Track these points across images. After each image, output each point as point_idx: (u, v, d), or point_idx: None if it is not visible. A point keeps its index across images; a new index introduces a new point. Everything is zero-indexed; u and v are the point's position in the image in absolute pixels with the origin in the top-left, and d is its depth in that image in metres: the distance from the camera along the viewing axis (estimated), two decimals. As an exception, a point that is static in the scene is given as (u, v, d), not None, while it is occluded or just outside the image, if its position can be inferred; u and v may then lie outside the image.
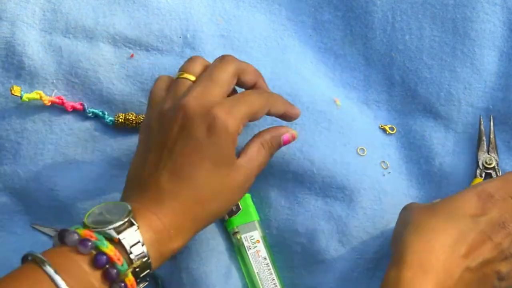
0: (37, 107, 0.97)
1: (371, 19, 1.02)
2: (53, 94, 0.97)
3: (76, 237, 0.76)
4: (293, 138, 0.92)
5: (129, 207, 0.80)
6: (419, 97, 1.00)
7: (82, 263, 0.76)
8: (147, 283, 0.81)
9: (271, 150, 0.90)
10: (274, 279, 0.95)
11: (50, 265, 0.74)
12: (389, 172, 0.99)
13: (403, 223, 0.88)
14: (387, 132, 1.01)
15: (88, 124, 0.98)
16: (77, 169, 0.96)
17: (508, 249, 0.86)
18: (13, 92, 0.94)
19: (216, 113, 0.84)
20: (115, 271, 0.76)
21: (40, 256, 0.76)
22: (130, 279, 0.77)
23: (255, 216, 0.96)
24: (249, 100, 0.87)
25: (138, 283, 0.79)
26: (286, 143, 0.91)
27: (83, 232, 0.77)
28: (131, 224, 0.79)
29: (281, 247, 0.96)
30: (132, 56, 0.99)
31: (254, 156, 0.88)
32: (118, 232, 0.77)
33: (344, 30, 1.03)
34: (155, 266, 0.80)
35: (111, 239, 0.77)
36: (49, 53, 0.98)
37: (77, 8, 0.99)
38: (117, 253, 0.76)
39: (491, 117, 0.99)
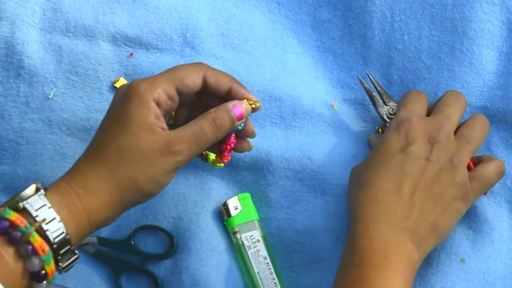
0: (37, 107, 0.96)
1: (370, 18, 1.02)
2: (51, 93, 0.97)
3: None
4: (245, 109, 0.87)
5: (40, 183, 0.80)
6: (417, 97, 1.01)
7: None
8: (76, 255, 0.80)
9: (218, 120, 0.85)
10: (274, 279, 0.95)
11: None
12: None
13: (350, 186, 0.92)
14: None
15: (87, 124, 0.97)
16: (77, 169, 0.96)
17: (451, 159, 0.89)
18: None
19: (133, 82, 0.83)
20: (18, 233, 0.75)
21: None
22: (37, 239, 0.76)
23: (255, 216, 0.96)
24: (175, 68, 0.86)
25: (62, 255, 0.78)
26: (238, 112, 0.86)
27: None
28: (38, 191, 0.79)
29: (281, 246, 0.97)
30: (131, 54, 0.99)
31: (187, 127, 0.83)
32: (22, 200, 0.78)
33: (343, 29, 1.03)
34: (73, 232, 0.79)
35: (16, 208, 0.77)
36: (49, 52, 0.97)
37: (77, 7, 0.98)
38: (20, 217, 0.76)
39: (367, 72, 1.00)
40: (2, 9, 0.97)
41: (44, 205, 0.77)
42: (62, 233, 0.77)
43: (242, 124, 0.88)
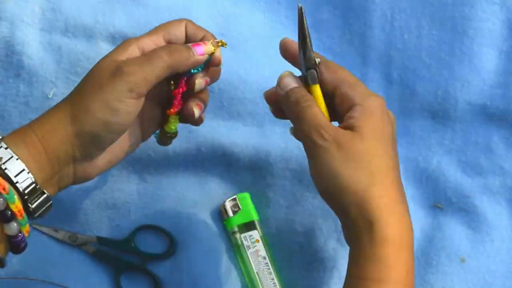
0: (36, 107, 0.97)
1: (370, 17, 1.02)
2: (51, 93, 0.97)
3: None
4: (205, 45, 0.84)
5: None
6: (417, 96, 1.01)
7: None
8: (45, 195, 0.78)
9: (176, 53, 0.82)
10: (273, 279, 0.95)
11: None
12: (387, 171, 0.99)
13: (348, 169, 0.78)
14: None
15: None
16: (77, 169, 0.97)
17: None
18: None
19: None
20: None
21: None
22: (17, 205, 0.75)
23: (254, 216, 0.97)
24: (158, 25, 0.85)
25: (28, 195, 0.76)
26: (198, 47, 0.83)
27: None
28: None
29: (280, 246, 0.97)
30: (131, 54, 0.99)
31: (144, 56, 0.81)
32: None
33: (343, 28, 1.03)
34: (33, 168, 0.76)
35: None
36: (48, 52, 0.98)
37: (76, 7, 0.98)
38: None
39: (301, 7, 0.82)
40: (2, 9, 0.97)
41: (1, 147, 0.76)
42: (23, 170, 0.76)
43: (200, 68, 0.85)
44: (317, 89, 0.82)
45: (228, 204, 0.96)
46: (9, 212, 0.75)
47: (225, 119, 0.99)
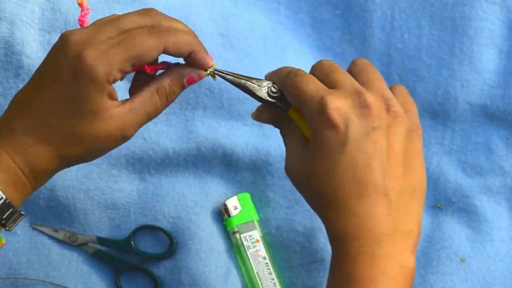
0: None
1: (370, 17, 1.02)
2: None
3: None
4: (200, 78, 0.79)
5: None
6: (417, 96, 1.01)
7: None
8: (22, 216, 0.77)
9: (170, 96, 0.79)
10: (273, 279, 0.95)
11: None
12: (387, 171, 0.99)
13: (304, 195, 0.79)
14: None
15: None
16: (76, 169, 0.96)
17: (389, 109, 0.78)
18: None
19: (85, 56, 0.74)
20: None
21: None
22: None
23: (254, 216, 0.97)
24: (132, 40, 0.75)
25: (6, 219, 0.75)
26: (191, 82, 0.79)
27: None
28: None
29: (281, 246, 0.97)
30: (131, 54, 0.99)
31: (141, 105, 0.77)
32: None
33: (343, 28, 1.03)
34: (12, 194, 0.76)
35: None
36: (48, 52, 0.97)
37: (76, 7, 0.98)
38: None
39: (215, 69, 0.80)
40: (1, 9, 0.97)
41: None
42: (1, 198, 0.74)
43: None
44: (294, 111, 0.81)
45: (228, 204, 0.96)
46: None
47: (225, 119, 0.99)
